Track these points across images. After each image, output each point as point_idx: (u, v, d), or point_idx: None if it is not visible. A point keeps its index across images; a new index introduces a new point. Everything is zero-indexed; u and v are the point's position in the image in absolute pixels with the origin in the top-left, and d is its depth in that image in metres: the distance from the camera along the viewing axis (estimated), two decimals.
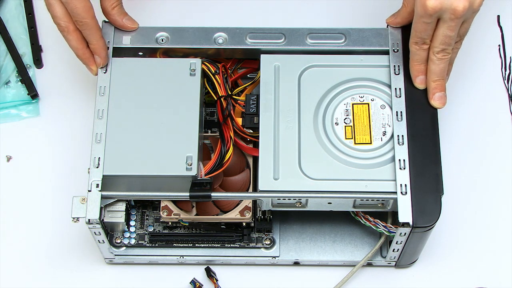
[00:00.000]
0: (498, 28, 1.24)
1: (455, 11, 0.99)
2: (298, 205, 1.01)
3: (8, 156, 1.17)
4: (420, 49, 1.03)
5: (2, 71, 1.22)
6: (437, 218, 0.99)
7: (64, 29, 1.06)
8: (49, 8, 1.05)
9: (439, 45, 1.02)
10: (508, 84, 1.21)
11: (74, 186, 1.13)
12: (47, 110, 1.20)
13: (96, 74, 1.06)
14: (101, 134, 1.02)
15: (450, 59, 1.05)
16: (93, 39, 1.05)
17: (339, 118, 1.03)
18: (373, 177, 1.00)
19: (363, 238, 1.10)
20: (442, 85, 1.04)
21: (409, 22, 1.05)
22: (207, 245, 1.09)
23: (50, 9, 1.05)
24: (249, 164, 1.09)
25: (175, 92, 1.04)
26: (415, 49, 1.04)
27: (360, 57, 1.06)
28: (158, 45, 1.07)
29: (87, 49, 1.06)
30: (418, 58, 1.04)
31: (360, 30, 1.07)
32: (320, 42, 1.07)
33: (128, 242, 1.09)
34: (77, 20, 1.04)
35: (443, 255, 1.12)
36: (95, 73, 1.07)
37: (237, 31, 1.08)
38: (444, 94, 1.04)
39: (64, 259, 1.11)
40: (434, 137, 1.02)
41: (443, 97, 1.04)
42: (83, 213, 0.99)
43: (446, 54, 1.03)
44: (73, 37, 1.06)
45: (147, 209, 1.11)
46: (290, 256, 1.10)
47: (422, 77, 1.04)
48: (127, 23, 1.08)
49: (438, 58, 1.03)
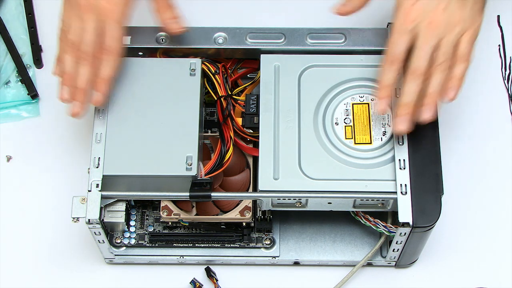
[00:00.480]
0: (498, 28, 1.24)
1: (430, 24, 0.96)
2: (298, 205, 1.01)
3: (8, 156, 1.17)
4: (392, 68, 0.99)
5: (2, 71, 1.22)
6: (437, 218, 0.99)
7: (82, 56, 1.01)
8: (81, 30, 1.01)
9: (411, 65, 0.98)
10: (508, 84, 1.21)
11: (74, 186, 1.13)
12: (47, 110, 1.20)
13: (76, 116, 1.01)
14: (101, 134, 1.02)
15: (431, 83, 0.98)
16: (110, 71, 1.01)
17: (339, 118, 1.03)
18: (373, 177, 1.00)
19: (363, 238, 1.10)
20: (407, 111, 0.98)
21: (358, 10, 1.03)
22: (207, 245, 1.09)
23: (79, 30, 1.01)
24: (249, 164, 1.09)
25: (175, 92, 1.04)
26: (386, 68, 0.99)
27: (360, 57, 1.06)
28: (158, 45, 1.07)
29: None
30: (387, 78, 0.99)
31: (360, 30, 1.07)
32: (320, 42, 1.07)
33: (128, 242, 1.09)
34: (107, 46, 1.01)
35: (443, 255, 1.12)
36: (78, 115, 1.01)
37: (237, 31, 1.08)
38: (406, 118, 0.98)
39: (64, 259, 1.11)
40: (434, 137, 1.02)
41: (404, 121, 0.98)
42: (83, 213, 0.99)
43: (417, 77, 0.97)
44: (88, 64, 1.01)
45: (147, 209, 1.11)
46: (290, 256, 1.10)
47: (387, 101, 0.99)
48: (173, 26, 1.04)
49: (409, 79, 0.98)
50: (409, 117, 0.98)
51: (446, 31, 0.97)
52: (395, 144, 1.01)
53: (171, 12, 1.05)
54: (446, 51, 0.98)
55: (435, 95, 0.98)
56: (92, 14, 1.00)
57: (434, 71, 0.98)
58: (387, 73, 0.98)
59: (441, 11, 0.97)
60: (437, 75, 0.98)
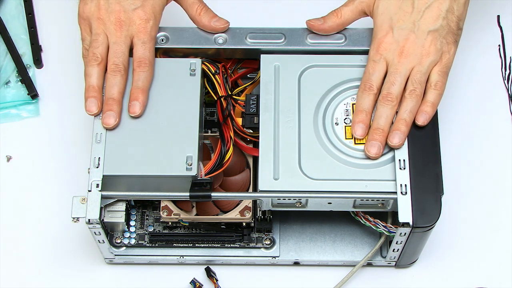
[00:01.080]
0: (498, 28, 1.24)
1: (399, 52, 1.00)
2: (298, 205, 1.01)
3: (8, 156, 1.17)
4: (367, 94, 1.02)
5: (2, 71, 1.22)
6: (437, 218, 0.99)
7: (120, 69, 1.03)
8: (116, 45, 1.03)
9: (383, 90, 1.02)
10: (508, 84, 1.21)
11: (74, 186, 1.13)
12: (47, 110, 1.20)
13: (111, 127, 1.02)
14: (101, 134, 1.02)
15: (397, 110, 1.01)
16: (147, 82, 1.03)
17: (339, 118, 1.03)
18: (373, 177, 1.00)
19: (363, 238, 1.10)
20: (378, 135, 1.00)
21: (331, 32, 1.06)
22: (207, 245, 1.09)
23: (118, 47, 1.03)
24: (249, 164, 1.09)
25: (175, 92, 1.04)
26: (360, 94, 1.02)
27: (360, 57, 1.06)
28: (158, 45, 1.07)
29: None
30: (362, 103, 1.01)
31: (360, 30, 1.07)
32: (320, 42, 1.07)
33: (128, 242, 1.09)
34: (141, 58, 1.03)
35: (443, 255, 1.12)
36: (114, 125, 1.02)
37: (237, 31, 1.08)
38: (375, 143, 0.99)
39: (64, 259, 1.11)
40: (434, 137, 1.02)
41: (374, 146, 0.99)
42: (83, 213, 0.99)
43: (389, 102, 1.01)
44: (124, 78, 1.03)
45: (147, 209, 1.11)
46: (290, 256, 1.10)
47: (363, 125, 1.01)
48: (216, 24, 1.06)
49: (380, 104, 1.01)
50: (380, 142, 1.00)
51: (416, 61, 1.01)
52: None
53: (209, 13, 1.07)
54: (417, 79, 1.01)
55: (403, 121, 1.00)
56: (124, 29, 1.03)
57: (404, 98, 1.01)
58: (363, 99, 1.02)
59: (412, 42, 1.01)
60: (407, 101, 1.01)
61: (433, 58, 1.01)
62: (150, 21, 1.04)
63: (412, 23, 1.02)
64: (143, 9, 1.04)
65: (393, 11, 1.03)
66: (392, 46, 1.01)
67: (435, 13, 1.02)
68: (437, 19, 1.01)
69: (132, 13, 1.04)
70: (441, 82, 1.02)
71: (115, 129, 1.02)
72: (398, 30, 1.02)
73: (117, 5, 1.04)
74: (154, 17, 1.05)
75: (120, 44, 1.03)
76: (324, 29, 1.06)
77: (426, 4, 1.02)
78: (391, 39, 1.02)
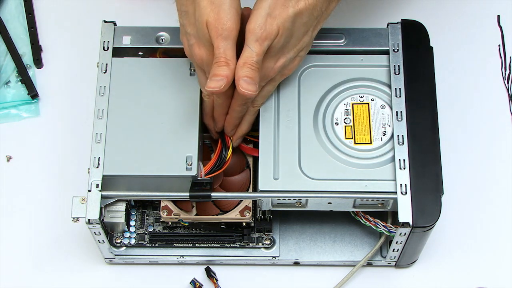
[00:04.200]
0: (498, 28, 1.24)
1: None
2: (298, 205, 1.01)
3: (8, 156, 1.17)
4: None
5: (2, 71, 1.22)
6: (437, 218, 0.99)
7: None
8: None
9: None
10: (508, 84, 1.21)
11: (74, 186, 1.13)
12: (47, 110, 1.20)
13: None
14: (101, 134, 1.02)
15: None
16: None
17: (339, 118, 1.03)
18: (373, 177, 1.00)
19: (363, 238, 1.10)
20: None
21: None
22: (207, 245, 1.09)
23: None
24: (249, 164, 1.09)
25: (175, 92, 1.04)
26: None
27: (360, 57, 1.06)
28: (158, 45, 1.07)
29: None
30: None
31: (360, 30, 1.07)
32: (320, 42, 1.07)
33: (128, 242, 1.09)
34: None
35: (443, 255, 1.12)
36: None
37: None
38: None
39: (64, 259, 1.11)
40: (434, 137, 1.02)
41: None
42: (83, 213, 0.99)
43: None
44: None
45: (147, 209, 1.11)
46: (290, 256, 1.10)
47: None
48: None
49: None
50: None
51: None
52: (395, 144, 1.01)
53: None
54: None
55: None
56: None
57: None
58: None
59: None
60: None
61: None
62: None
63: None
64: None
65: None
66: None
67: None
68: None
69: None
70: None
71: (115, 129, 1.02)
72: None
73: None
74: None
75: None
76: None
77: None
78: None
